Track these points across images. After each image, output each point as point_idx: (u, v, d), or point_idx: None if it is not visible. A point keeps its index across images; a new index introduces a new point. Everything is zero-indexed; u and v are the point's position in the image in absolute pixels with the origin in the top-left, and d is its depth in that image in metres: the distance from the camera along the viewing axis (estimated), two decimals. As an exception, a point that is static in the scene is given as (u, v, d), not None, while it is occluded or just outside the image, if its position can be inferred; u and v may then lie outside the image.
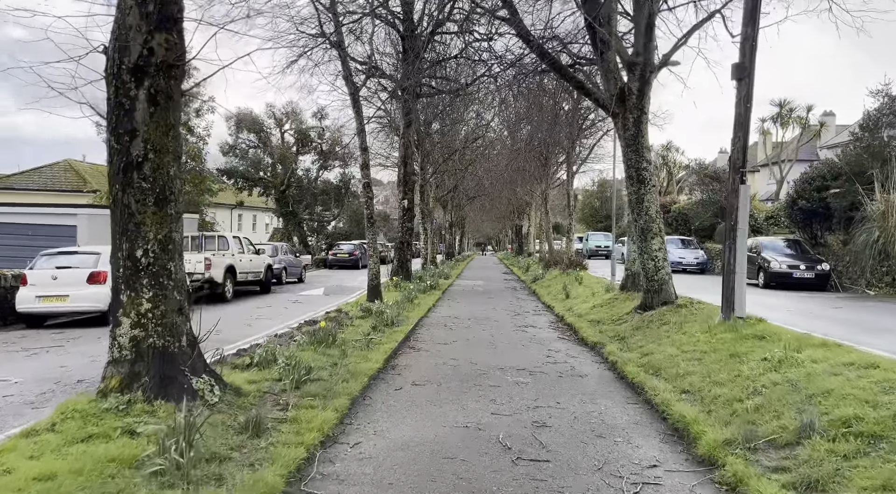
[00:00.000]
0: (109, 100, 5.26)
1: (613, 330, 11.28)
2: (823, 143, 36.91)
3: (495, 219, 72.34)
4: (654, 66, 11.02)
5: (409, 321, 12.71)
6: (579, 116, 24.53)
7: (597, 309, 13.97)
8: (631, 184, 11.31)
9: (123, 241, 5.23)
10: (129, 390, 5.08)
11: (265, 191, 39.38)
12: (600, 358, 9.62)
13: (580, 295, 17.70)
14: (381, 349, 9.27)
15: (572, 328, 12.67)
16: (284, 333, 10.88)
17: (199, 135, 23.26)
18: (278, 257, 22.43)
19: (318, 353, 8.45)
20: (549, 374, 8.42)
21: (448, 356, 9.54)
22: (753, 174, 47.27)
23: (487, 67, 20.71)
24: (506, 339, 11.43)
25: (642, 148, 11.13)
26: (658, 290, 11.24)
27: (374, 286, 14.89)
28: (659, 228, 11.33)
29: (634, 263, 14.42)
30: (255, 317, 13.98)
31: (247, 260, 18.16)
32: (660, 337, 9.61)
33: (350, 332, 10.52)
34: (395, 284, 18.94)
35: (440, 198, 37.16)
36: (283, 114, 37.92)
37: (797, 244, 19.32)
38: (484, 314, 15.31)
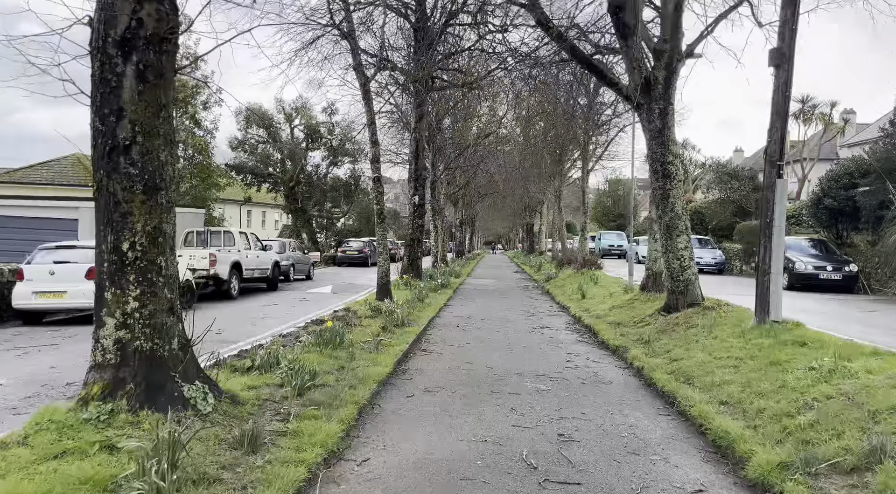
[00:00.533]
0: (94, 77, 4.75)
1: (636, 332, 10.69)
2: (844, 142, 35.99)
3: (506, 218, 71.73)
4: (681, 53, 10.41)
5: (420, 321, 12.18)
6: (595, 112, 23.87)
7: (616, 310, 13.37)
8: (656, 178, 10.71)
9: (108, 233, 4.72)
10: (113, 398, 4.57)
11: (274, 187, 38.97)
12: (624, 363, 9.04)
13: (596, 295, 17.10)
14: (391, 351, 8.74)
15: (591, 330, 12.09)
16: (290, 333, 10.38)
17: (206, 128, 22.87)
18: (286, 254, 21.95)
19: (325, 356, 7.93)
20: (571, 381, 7.85)
21: (462, 359, 8.99)
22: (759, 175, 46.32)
23: (502, 60, 20.17)
24: (522, 341, 10.87)
25: (668, 140, 10.53)
26: (683, 291, 10.64)
27: (384, 284, 14.36)
28: (685, 225, 10.73)
29: (656, 262, 13.82)
30: (261, 316, 13.50)
31: (253, 257, 17.68)
32: (688, 341, 9.01)
33: (358, 333, 9.99)
34: (406, 282, 18.41)
35: (451, 195, 36.58)
36: (293, 108, 37.48)
37: (823, 244, 18.61)
38: (497, 314, 14.75)
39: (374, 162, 14.54)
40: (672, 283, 10.79)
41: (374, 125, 14.55)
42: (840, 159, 27.41)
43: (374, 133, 14.46)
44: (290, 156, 37.32)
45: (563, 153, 28.98)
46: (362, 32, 18.46)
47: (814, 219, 19.80)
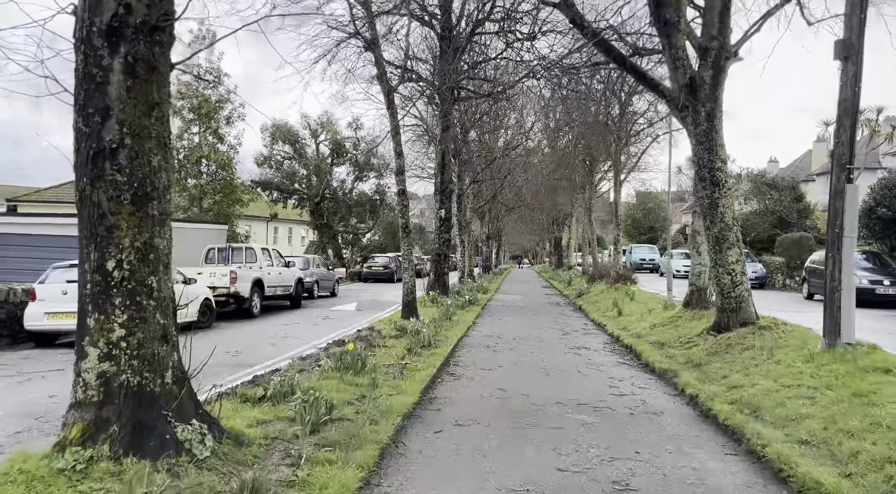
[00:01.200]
0: (77, 72, 4.17)
1: (684, 354, 9.79)
2: (889, 150, 34.39)
3: (533, 232, 70.74)
4: (730, 50, 9.60)
5: (447, 341, 11.43)
6: (627, 121, 23.06)
7: (658, 329, 12.45)
8: (703, 186, 9.86)
9: (91, 250, 4.11)
10: (94, 443, 3.92)
11: (300, 203, 38.72)
12: (674, 390, 8.16)
13: (634, 312, 16.16)
14: (418, 377, 8.00)
15: (632, 351, 11.20)
16: (310, 355, 9.73)
17: (229, 143, 22.61)
18: (310, 270, 21.44)
19: (345, 383, 7.23)
20: (618, 411, 7.02)
21: (494, 385, 8.21)
22: (807, 183, 44.80)
23: (530, 68, 19.52)
24: (558, 364, 10.04)
25: (716, 145, 9.69)
26: (736, 309, 9.73)
27: (410, 302, 13.68)
28: (736, 237, 9.85)
29: (700, 277, 12.91)
30: (282, 336, 12.89)
31: (276, 274, 17.17)
32: (746, 365, 8.10)
33: (382, 355, 9.29)
34: (432, 299, 17.71)
35: (477, 208, 35.89)
36: (318, 124, 37.25)
37: (876, 256, 17.43)
38: (529, 333, 13.93)
39: (398, 174, 13.93)
40: (723, 300, 9.88)
41: (399, 135, 13.96)
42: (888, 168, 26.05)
43: (398, 144, 13.86)
44: (315, 171, 37.07)
45: (594, 164, 28.14)
46: (386, 44, 18.02)
47: (866, 229, 18.62)
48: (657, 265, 41.10)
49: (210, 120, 21.56)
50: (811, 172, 47.41)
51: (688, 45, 9.92)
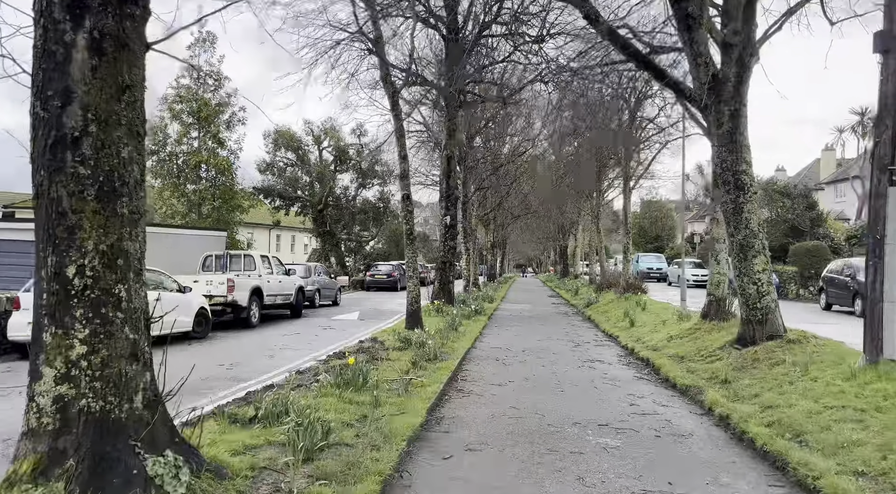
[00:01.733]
0: (36, 49, 3.63)
1: (706, 369, 9.18)
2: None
3: (537, 240, 70.15)
4: (755, 46, 9.05)
5: (454, 354, 10.84)
6: (637, 126, 22.50)
7: (675, 341, 11.84)
8: (727, 191, 9.28)
9: (49, 254, 3.56)
10: (47, 478, 3.35)
11: (303, 211, 38.23)
12: (700, 409, 7.56)
13: (647, 323, 15.55)
14: (423, 393, 7.41)
15: (650, 364, 10.59)
16: (309, 369, 9.17)
17: (230, 148, 22.12)
18: (311, 278, 20.88)
19: (344, 401, 6.65)
20: (642, 433, 6.42)
21: (506, 403, 7.62)
22: (816, 192, 44.17)
23: (538, 72, 19.04)
24: (572, 378, 9.44)
25: (741, 146, 9.13)
26: (762, 321, 9.12)
27: (414, 311, 13.11)
28: (762, 244, 9.25)
29: (719, 287, 12.31)
30: (280, 347, 12.32)
31: (275, 282, 16.62)
32: (778, 382, 7.49)
33: (385, 369, 8.71)
34: (437, 309, 17.14)
35: (482, 216, 35.35)
36: (322, 130, 36.84)
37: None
38: (539, 344, 13.32)
39: (402, 178, 13.40)
40: (748, 312, 9.28)
41: (404, 138, 13.45)
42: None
43: (402, 147, 13.34)
44: (318, 178, 36.61)
45: (602, 170, 27.58)
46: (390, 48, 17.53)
47: (886, 237, 17.92)
48: (665, 274, 40.46)
49: (210, 124, 21.11)
50: (820, 181, 46.86)
51: (711, 42, 9.38)
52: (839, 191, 42.33)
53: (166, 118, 21.15)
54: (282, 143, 36.53)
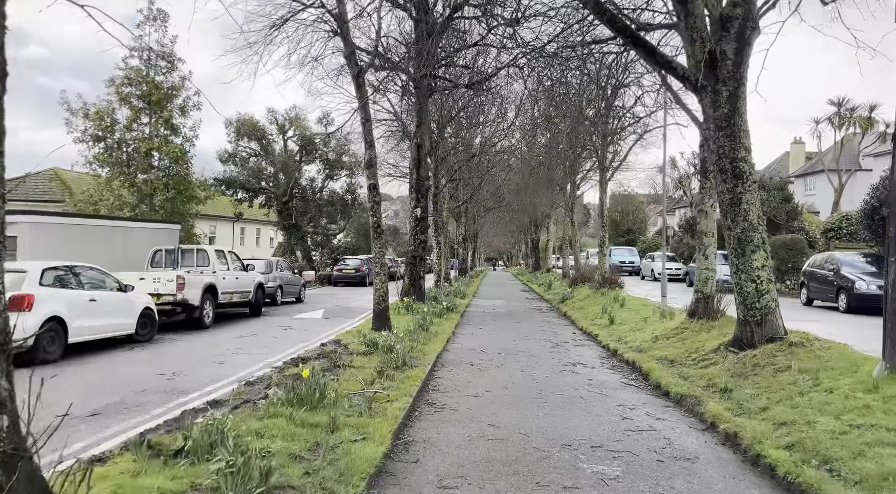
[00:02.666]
0: None
1: (701, 375, 8.39)
2: (870, 151, 33.76)
3: (509, 234, 69.63)
4: (756, 20, 8.24)
5: (425, 358, 9.88)
6: (613, 115, 21.78)
7: (662, 342, 11.08)
8: (723, 179, 8.48)
9: None
10: None
11: (267, 203, 36.74)
12: (700, 423, 6.75)
13: (627, 320, 14.82)
14: (390, 410, 6.43)
15: (637, 368, 9.78)
16: (261, 378, 8.12)
17: (185, 135, 20.65)
18: (273, 274, 19.67)
19: (295, 424, 5.64)
20: (642, 457, 5.56)
21: (484, 419, 6.69)
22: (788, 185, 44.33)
23: (513, 57, 18.13)
24: (554, 385, 8.57)
25: (739, 131, 8.32)
26: (761, 322, 8.36)
27: (382, 311, 12.10)
28: (762, 238, 8.48)
29: (707, 284, 11.58)
30: (233, 351, 11.19)
31: (232, 279, 15.41)
32: (788, 393, 6.70)
33: (347, 379, 7.71)
34: (407, 306, 16.15)
35: (454, 209, 34.40)
36: (286, 119, 35.37)
37: (882, 260, 16.33)
38: (515, 345, 12.45)
39: (369, 167, 12.35)
40: (745, 312, 8.50)
41: (370, 123, 12.38)
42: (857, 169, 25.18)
43: (368, 132, 12.28)
44: (283, 169, 35.13)
45: (577, 161, 26.89)
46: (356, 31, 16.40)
47: (868, 231, 17.55)
48: (638, 267, 40.13)
49: (162, 109, 19.62)
50: (789, 174, 47.04)
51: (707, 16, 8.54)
52: (809, 184, 42.50)
53: (114, 102, 19.61)
54: (244, 133, 34.96)
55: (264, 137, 35.76)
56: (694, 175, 45.94)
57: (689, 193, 46.33)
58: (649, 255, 37.46)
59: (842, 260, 16.46)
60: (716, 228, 11.74)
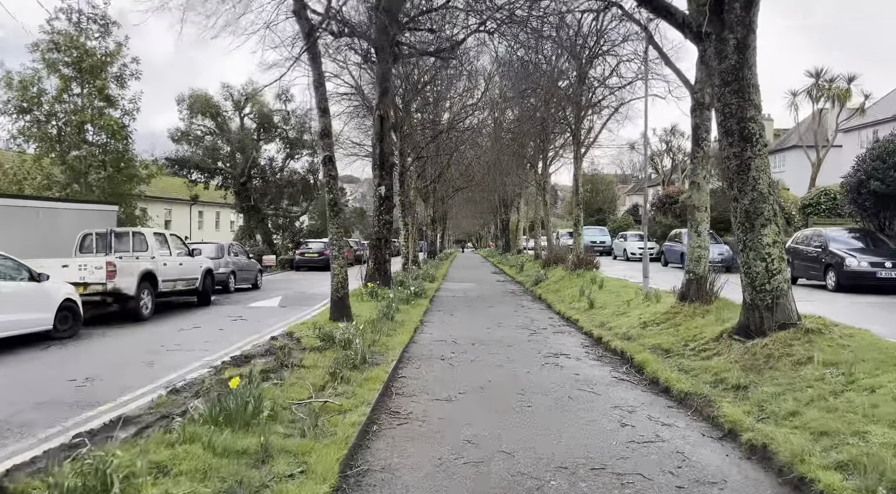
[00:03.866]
0: None
1: (705, 368, 7.32)
2: (845, 125, 33.27)
3: (479, 215, 68.62)
4: (769, -45, 7.05)
5: (389, 353, 8.63)
6: (587, 87, 20.61)
7: (652, 328, 10.02)
8: (730, 143, 7.35)
9: None
10: None
11: (224, 184, 34.78)
12: (714, 429, 5.67)
13: (608, 303, 13.80)
14: (341, 427, 5.17)
15: (627, 359, 8.70)
16: (191, 383, 6.80)
17: (124, 108, 18.75)
18: (224, 259, 18.12)
19: (216, 452, 4.35)
20: (657, 482, 4.43)
21: (458, 433, 5.48)
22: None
23: (481, 21, 16.79)
24: (537, 383, 7.42)
25: (748, 86, 7.19)
26: (771, 305, 7.31)
27: (340, 299, 10.81)
28: (773, 211, 7.40)
29: (699, 263, 10.55)
30: (169, 348, 9.76)
31: (174, 265, 13.87)
32: (818, 393, 5.64)
33: (292, 384, 6.43)
34: (371, 292, 14.84)
35: (421, 189, 33.01)
36: (242, 95, 33.35)
37: (870, 235, 15.63)
38: (489, 333, 11.29)
39: (323, 136, 10.96)
40: (753, 294, 7.44)
41: (324, 87, 10.97)
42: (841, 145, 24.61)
43: (322, 98, 10.88)
44: (240, 148, 33.19)
45: (548, 137, 25.75)
46: None
47: (854, 205, 16.79)
48: (609, 247, 39.39)
49: (95, 78, 17.68)
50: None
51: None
52: (778, 160, 42.21)
53: (41, 70, 17.60)
54: (198, 109, 32.86)
55: (219, 114, 33.73)
56: (666, 152, 45.31)
57: (661, 171, 45.74)
58: (621, 235, 36.69)
59: (829, 235, 15.68)
60: (709, 202, 10.69)
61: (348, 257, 33.67)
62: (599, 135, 24.22)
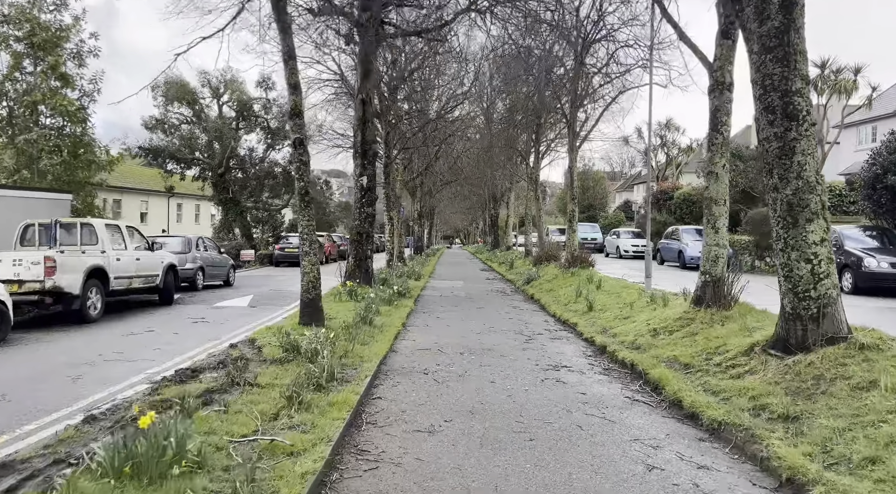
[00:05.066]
0: None
1: (738, 389, 6.14)
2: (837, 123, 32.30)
3: (467, 210, 67.47)
4: None
5: (363, 366, 7.37)
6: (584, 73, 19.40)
7: (664, 337, 8.84)
8: (770, 121, 6.15)
9: None
10: None
11: (201, 175, 33.21)
12: (762, 473, 4.57)
13: (609, 306, 12.63)
14: (287, 481, 3.90)
15: (639, 373, 7.52)
16: (116, 407, 5.56)
17: (83, 89, 17.21)
18: (191, 254, 16.72)
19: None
20: (716, 567, 3.20)
21: (443, 482, 4.25)
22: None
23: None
24: (538, 406, 6.21)
25: (794, 53, 5.99)
26: (817, 316, 6.13)
27: (312, 300, 9.54)
28: (821, 203, 6.24)
29: (717, 263, 9.37)
30: (106, 358, 8.42)
31: (130, 260, 12.49)
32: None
33: (238, 413, 5.17)
34: (350, 291, 13.57)
35: (408, 182, 31.68)
36: (221, 82, 31.80)
37: (886, 234, 14.57)
38: (480, 340, 10.06)
39: (293, 116, 9.66)
40: (795, 302, 6.25)
41: (294, 62, 9.65)
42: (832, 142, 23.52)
43: (293, 72, 9.57)
44: (218, 137, 31.64)
45: (540, 128, 24.56)
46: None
47: (869, 202, 15.72)
48: (601, 245, 38.33)
49: (47, 54, 16.14)
50: (751, 146, 45.83)
51: None
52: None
53: (-12, 45, 16.05)
54: (173, 96, 31.26)
55: (197, 102, 32.14)
56: (661, 147, 44.32)
57: (655, 166, 44.77)
58: (614, 232, 35.64)
59: (844, 234, 14.62)
60: (727, 194, 9.51)
61: (331, 253, 32.34)
62: (595, 128, 23.01)
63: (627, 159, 78.83)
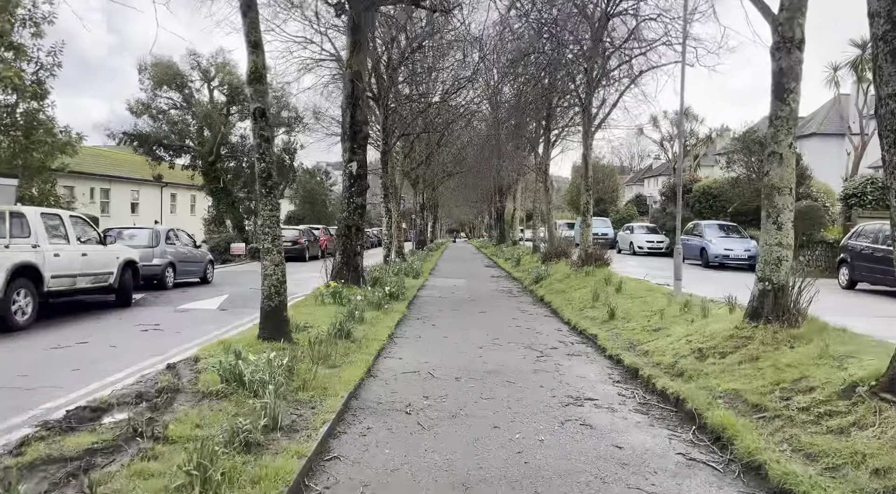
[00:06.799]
0: None
1: (847, 452, 4.33)
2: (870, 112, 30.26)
3: (471, 203, 65.62)
4: None
5: (325, 403, 5.55)
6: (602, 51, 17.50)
7: (713, 359, 6.99)
8: (890, 94, 4.27)
9: None
10: None
11: (192, 163, 31.43)
12: None
13: (634, 313, 10.79)
14: None
15: (690, 414, 5.66)
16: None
17: (40, 61, 15.41)
18: (159, 248, 14.92)
19: None
20: None
21: None
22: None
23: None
24: (560, 473, 4.41)
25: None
26: (962, 351, 4.25)
27: (274, 309, 7.74)
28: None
29: (780, 267, 7.52)
30: (4, 383, 6.63)
31: (73, 256, 10.70)
32: None
33: (125, 488, 3.34)
34: (334, 293, 11.77)
35: (409, 172, 29.82)
36: (211, 64, 29.96)
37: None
38: (482, 358, 8.24)
39: (253, 80, 7.84)
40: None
41: (255, 12, 7.82)
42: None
43: (253, 27, 7.74)
44: (208, 123, 29.84)
45: (552, 114, 22.66)
46: None
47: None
48: (612, 240, 36.40)
49: (-6, 22, 14.28)
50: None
51: None
52: (801, 148, 39.20)
53: (-74, 11, 14.22)
54: (161, 79, 29.44)
55: (186, 86, 30.31)
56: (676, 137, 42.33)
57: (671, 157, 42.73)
58: (627, 227, 33.71)
59: (881, 232, 12.69)
60: (793, 181, 7.65)
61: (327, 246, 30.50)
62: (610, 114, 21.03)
63: (637, 153, 76.73)
